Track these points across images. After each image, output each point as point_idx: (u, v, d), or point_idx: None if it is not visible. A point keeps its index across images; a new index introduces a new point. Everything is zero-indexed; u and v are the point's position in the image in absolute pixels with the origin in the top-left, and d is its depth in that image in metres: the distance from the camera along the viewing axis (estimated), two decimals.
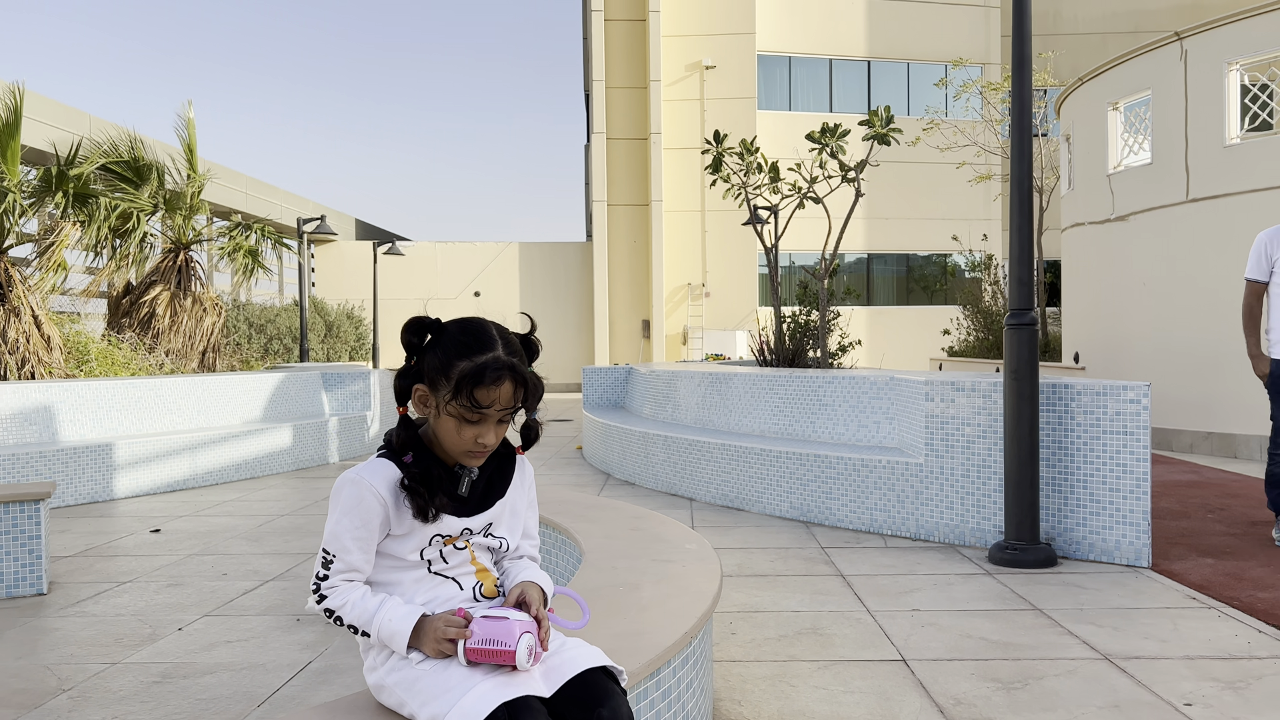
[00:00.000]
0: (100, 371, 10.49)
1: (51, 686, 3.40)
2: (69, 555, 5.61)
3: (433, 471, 1.82)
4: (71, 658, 3.72)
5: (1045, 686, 3.28)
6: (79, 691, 3.35)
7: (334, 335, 21.84)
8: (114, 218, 11.16)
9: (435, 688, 1.69)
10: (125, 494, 7.80)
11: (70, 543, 5.97)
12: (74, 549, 5.78)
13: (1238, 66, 9.29)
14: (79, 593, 4.74)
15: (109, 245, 11.84)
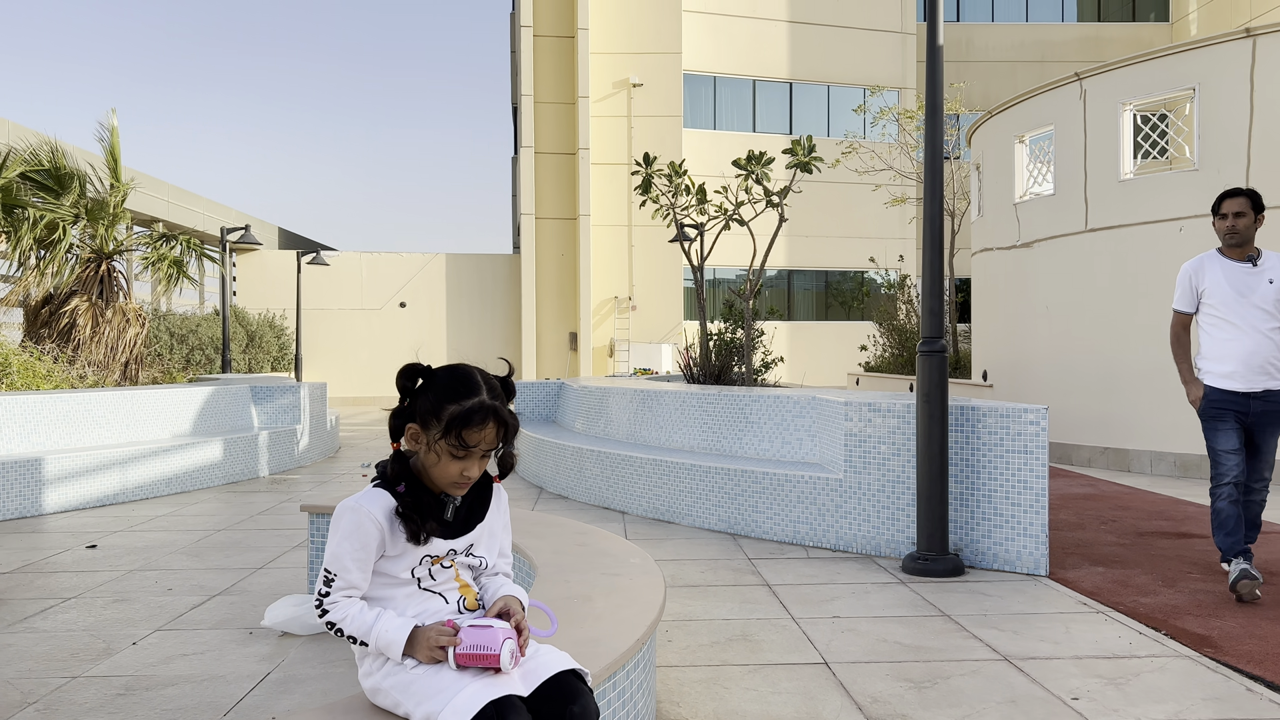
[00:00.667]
0: (22, 384, 10.33)
1: (15, 700, 3.52)
2: (7, 572, 5.63)
3: (423, 500, 2.07)
4: (30, 672, 3.83)
5: (952, 685, 3.64)
6: (44, 704, 3.48)
7: (256, 345, 21.57)
8: (40, 228, 10.99)
9: (429, 689, 1.94)
10: (54, 509, 7.75)
11: (5, 559, 5.98)
12: (10, 565, 5.80)
13: (1131, 107, 9.99)
14: (24, 609, 4.80)
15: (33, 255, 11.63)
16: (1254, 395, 4.83)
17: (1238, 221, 4.85)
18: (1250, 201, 4.88)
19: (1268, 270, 4.88)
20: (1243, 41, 9.13)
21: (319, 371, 23.98)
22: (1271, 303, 4.83)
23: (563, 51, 24.53)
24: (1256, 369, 4.83)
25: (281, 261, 24.05)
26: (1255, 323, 4.83)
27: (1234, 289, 4.88)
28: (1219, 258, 4.98)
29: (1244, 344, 4.85)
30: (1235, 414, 4.87)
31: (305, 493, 8.88)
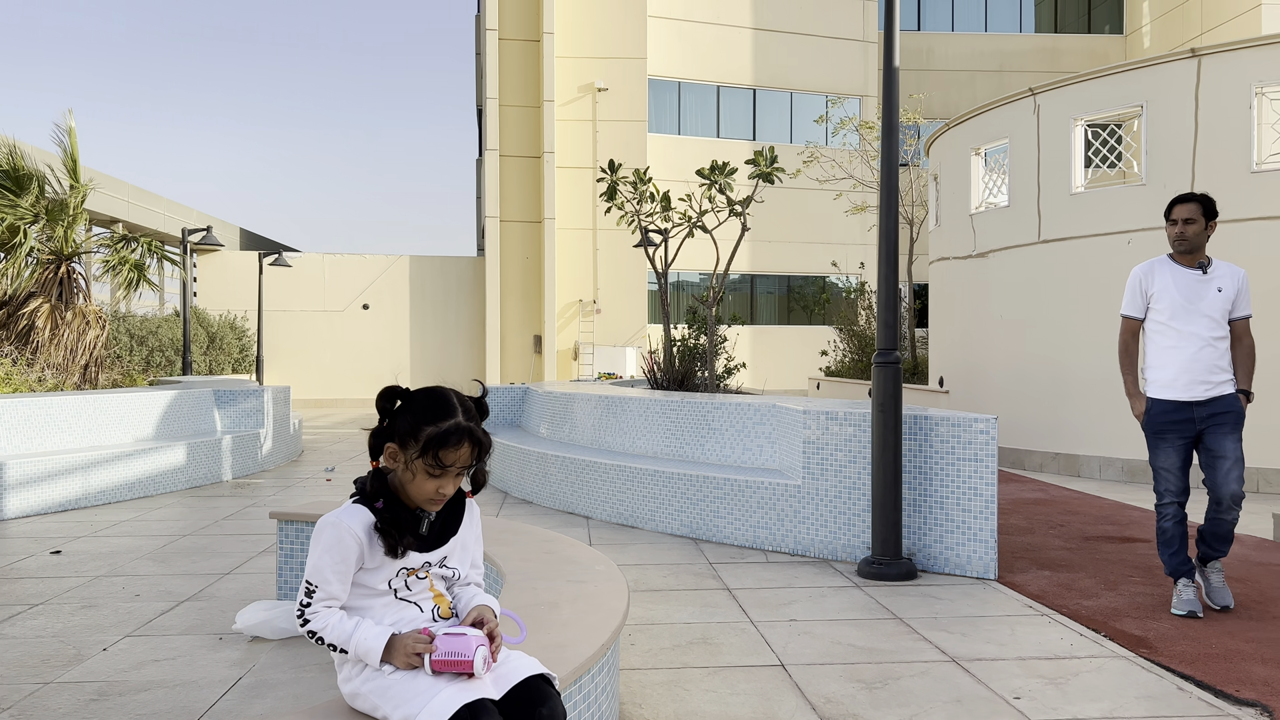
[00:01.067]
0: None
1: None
2: None
3: (400, 515, 2.19)
4: (1, 679, 3.88)
5: (902, 685, 3.81)
6: (19, 710, 3.54)
7: (217, 347, 21.41)
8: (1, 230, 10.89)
9: (406, 693, 2.06)
10: (16, 514, 7.73)
11: None
12: None
13: (1082, 122, 10.29)
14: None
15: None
16: (1197, 404, 4.74)
17: (1187, 228, 4.76)
18: (1202, 207, 4.77)
19: (1217, 279, 4.79)
20: (1188, 61, 9.46)
21: (280, 373, 23.83)
22: (1219, 311, 4.75)
23: (528, 55, 24.59)
24: (1197, 377, 4.74)
25: (243, 262, 23.87)
26: (1200, 330, 4.74)
27: (1182, 296, 4.79)
28: (1169, 263, 4.88)
29: (1186, 351, 4.77)
30: (1179, 428, 4.78)
31: (269, 497, 8.91)
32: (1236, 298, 4.77)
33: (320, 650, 4.24)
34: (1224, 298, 4.75)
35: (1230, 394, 4.75)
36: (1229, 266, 4.84)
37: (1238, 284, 4.78)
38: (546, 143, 23.85)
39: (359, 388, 24.24)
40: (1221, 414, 4.72)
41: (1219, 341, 4.75)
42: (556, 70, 24.52)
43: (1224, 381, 4.75)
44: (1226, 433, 4.71)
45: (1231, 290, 4.76)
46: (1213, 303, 4.74)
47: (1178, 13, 28.28)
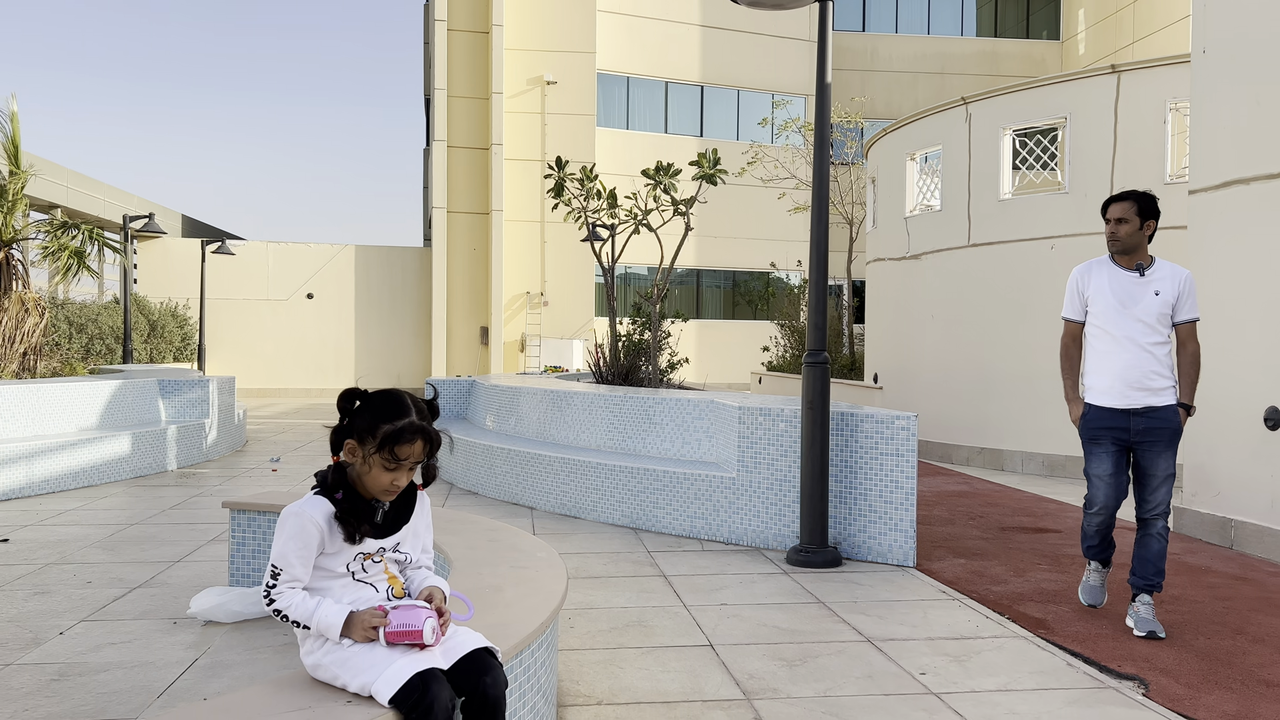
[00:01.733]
0: None
1: None
2: None
3: (358, 505, 2.44)
4: None
5: (819, 663, 4.14)
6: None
7: (158, 335, 21.18)
8: None
9: (364, 663, 2.31)
10: None
11: None
12: None
13: (1010, 131, 10.76)
14: None
15: None
16: (1134, 413, 4.52)
17: (1119, 228, 4.56)
18: (1136, 206, 4.56)
19: (1155, 281, 4.55)
20: (1109, 77, 9.95)
21: (223, 362, 23.63)
22: (1154, 315, 4.51)
23: (477, 47, 24.62)
24: (1134, 384, 4.51)
25: (185, 250, 23.60)
26: (1135, 335, 4.52)
27: (1116, 298, 4.57)
28: (1108, 264, 4.68)
29: (1120, 357, 4.54)
30: (1113, 435, 4.58)
31: (215, 487, 9.01)
32: (1179, 300, 4.52)
33: (273, 632, 4.44)
34: (1162, 301, 4.51)
35: (1168, 406, 4.50)
36: (1172, 268, 4.58)
37: (1179, 286, 4.52)
38: (495, 135, 23.92)
39: (302, 378, 24.14)
40: (1157, 429, 4.49)
41: (1157, 347, 4.50)
42: (506, 62, 24.59)
43: (1163, 390, 4.50)
44: (1160, 450, 4.50)
45: (1171, 292, 4.51)
46: (1149, 306, 4.51)
47: (1111, 21, 29.20)
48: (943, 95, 31.14)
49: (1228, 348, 6.71)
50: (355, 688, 2.30)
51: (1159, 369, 4.51)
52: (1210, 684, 3.90)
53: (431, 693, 2.23)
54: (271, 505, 5.02)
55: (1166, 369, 4.53)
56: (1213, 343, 6.85)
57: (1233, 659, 4.21)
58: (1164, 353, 4.54)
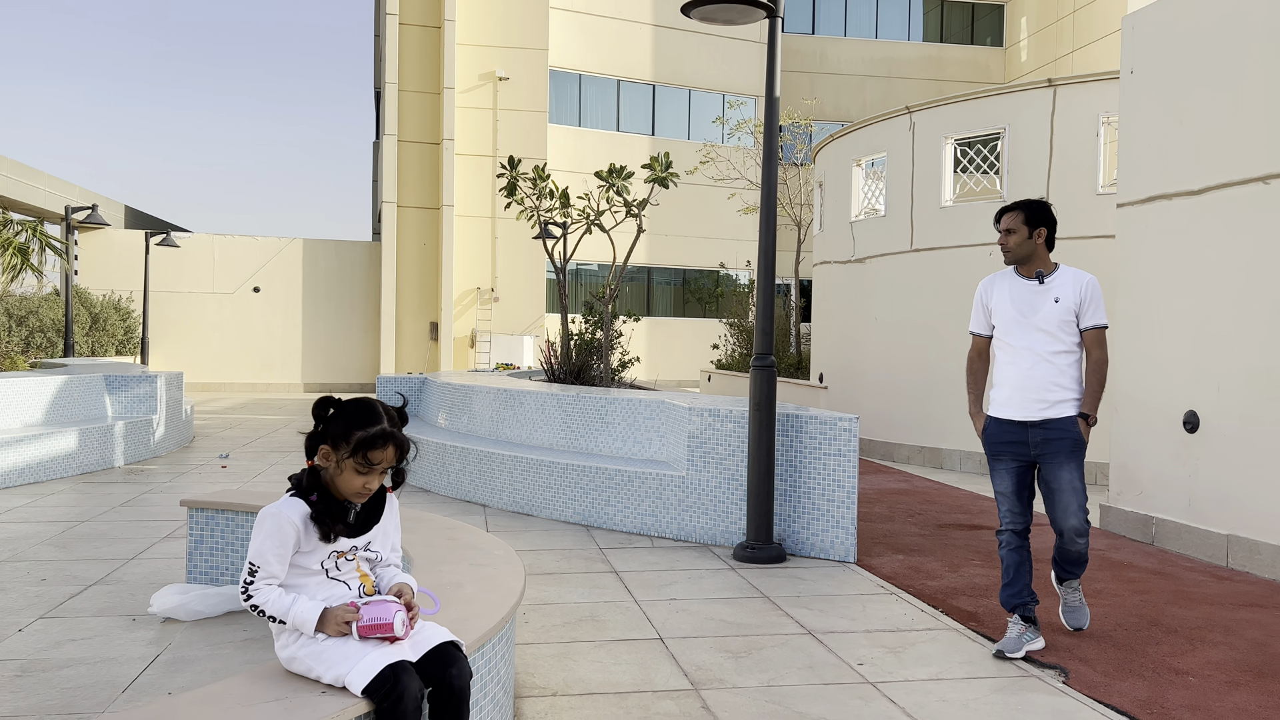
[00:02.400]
0: None
1: None
2: None
3: (331, 507, 2.58)
4: None
5: (763, 655, 4.35)
6: None
7: (100, 328, 20.83)
8: None
9: (337, 656, 2.45)
10: None
11: None
12: None
13: (952, 140, 11.11)
14: None
15: None
16: (1032, 425, 4.39)
17: (1008, 238, 4.46)
18: (1023, 215, 4.45)
19: (1054, 288, 4.41)
20: (1045, 90, 10.33)
21: (167, 356, 23.30)
22: (1054, 324, 4.37)
23: (428, 41, 24.53)
24: (1031, 395, 4.39)
25: (129, 241, 23.21)
26: (1034, 345, 4.40)
27: (1016, 309, 4.46)
28: (1010, 275, 4.57)
29: (1018, 368, 4.44)
30: (1013, 449, 4.46)
31: (165, 484, 8.99)
32: (1081, 306, 4.37)
33: (232, 629, 4.54)
34: (1062, 308, 4.37)
35: (1067, 417, 4.35)
36: (1074, 274, 4.44)
37: (1080, 292, 4.38)
38: (446, 130, 23.87)
39: (248, 372, 23.89)
40: (1055, 439, 4.35)
41: (1058, 357, 4.37)
42: (458, 58, 24.55)
43: (1062, 401, 4.36)
44: (1061, 461, 4.35)
45: (1072, 299, 4.38)
46: (1048, 315, 4.38)
47: (1052, 30, 29.98)
48: (890, 98, 31.73)
49: (1152, 354, 7.07)
50: (329, 679, 2.45)
51: (1059, 379, 4.37)
52: (1125, 672, 4.19)
53: (402, 683, 2.38)
54: (230, 504, 5.11)
55: (1070, 379, 4.39)
56: (1138, 349, 7.22)
57: (1146, 649, 4.51)
58: (1067, 362, 4.39)
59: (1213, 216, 6.55)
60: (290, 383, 24.17)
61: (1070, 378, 4.40)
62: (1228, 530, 6.32)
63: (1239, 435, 6.27)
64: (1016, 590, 4.47)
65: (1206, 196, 6.61)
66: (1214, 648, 4.54)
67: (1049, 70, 29.61)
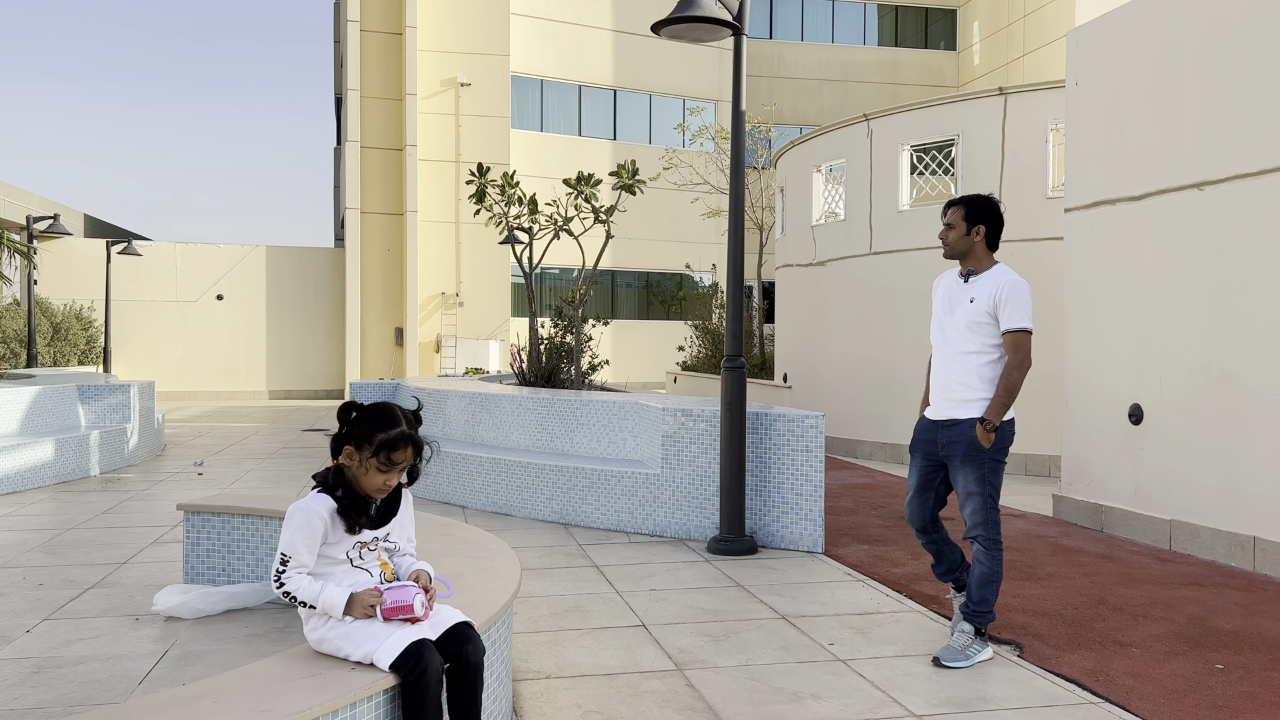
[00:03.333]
0: None
1: None
2: None
3: (355, 501, 2.83)
4: None
5: (740, 638, 4.64)
6: None
7: (62, 338, 20.69)
8: None
9: (364, 636, 2.70)
10: None
11: None
12: None
13: (909, 147, 11.51)
14: None
15: None
16: (941, 424, 4.38)
17: (947, 233, 4.40)
18: (963, 211, 4.36)
19: (975, 288, 4.32)
20: (996, 99, 10.76)
21: (129, 365, 23.15)
22: (967, 323, 4.29)
23: (390, 47, 24.62)
24: (942, 395, 4.39)
25: (89, 250, 23.03)
26: (948, 343, 4.38)
27: (942, 306, 4.46)
28: (953, 273, 4.52)
29: (936, 366, 4.47)
30: (924, 447, 4.47)
31: (143, 491, 9.10)
32: (998, 309, 4.23)
33: (234, 625, 4.75)
34: (976, 309, 4.27)
35: (966, 420, 4.28)
36: (997, 275, 4.29)
37: (995, 294, 4.23)
38: (409, 136, 23.97)
39: (213, 380, 23.80)
40: (953, 442, 4.31)
41: (969, 357, 4.29)
42: (420, 63, 24.65)
43: (967, 403, 4.29)
44: (956, 465, 4.31)
45: (986, 300, 4.25)
46: (963, 314, 4.31)
47: (1003, 34, 30.70)
48: (847, 102, 32.28)
49: (1099, 351, 7.48)
50: (358, 657, 2.69)
51: (967, 380, 4.29)
52: (1074, 645, 4.53)
53: (425, 658, 2.64)
54: (224, 507, 5.30)
55: (979, 380, 4.28)
56: (1086, 347, 7.62)
57: (1094, 624, 4.87)
58: (977, 364, 4.28)
59: (1153, 220, 6.97)
60: (255, 390, 24.10)
61: (980, 379, 4.28)
62: (1170, 516, 6.73)
63: (1180, 427, 6.69)
64: (945, 569, 4.61)
65: (1146, 202, 7.03)
66: (1156, 622, 4.91)
67: (1001, 74, 30.33)
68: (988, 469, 4.25)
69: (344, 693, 2.52)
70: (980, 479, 4.24)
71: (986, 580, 4.31)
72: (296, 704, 2.43)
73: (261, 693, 2.50)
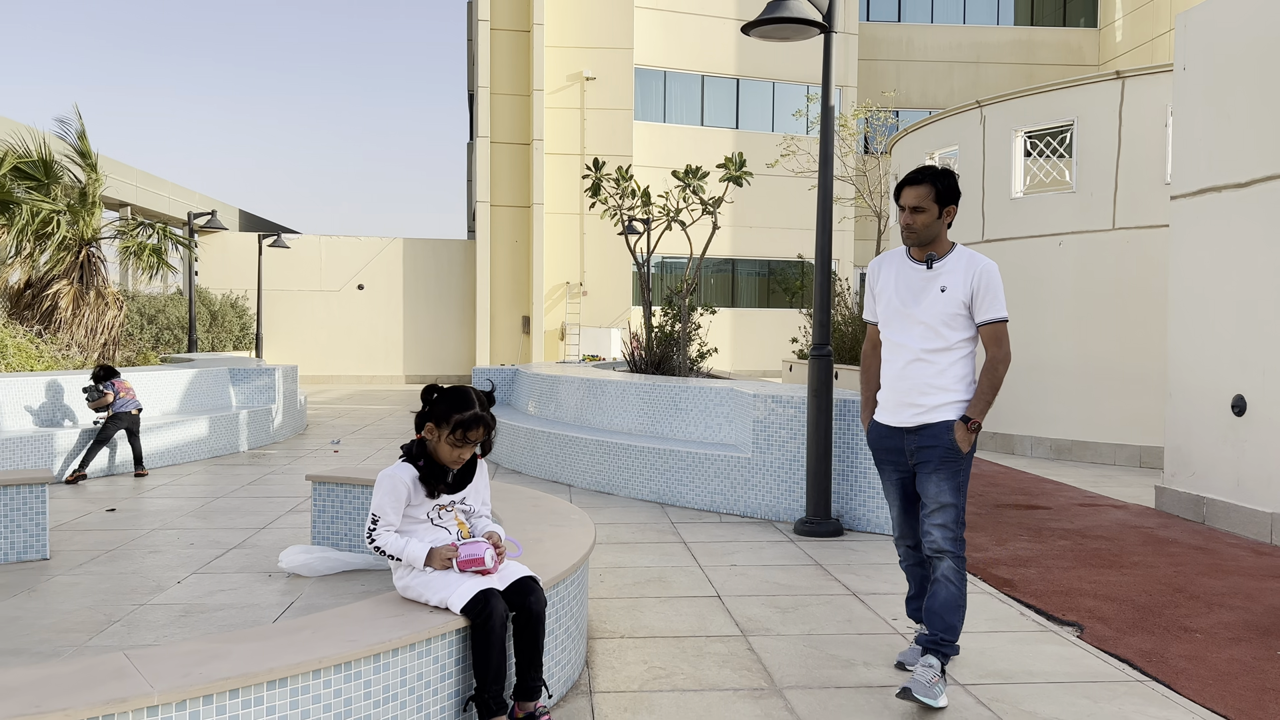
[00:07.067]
0: (17, 365, 11.23)
1: (103, 619, 4.65)
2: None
3: (435, 470, 3.27)
4: (104, 602, 4.95)
5: (808, 610, 4.92)
6: (126, 622, 4.61)
7: (219, 325, 22.38)
8: (36, 222, 11.85)
9: (441, 584, 3.14)
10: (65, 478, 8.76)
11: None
12: (48, 524, 6.84)
13: (1022, 133, 11.36)
14: (76, 558, 5.89)
15: (30, 245, 12.49)
16: (907, 431, 3.82)
17: (915, 218, 3.74)
18: (934, 191, 3.71)
19: (943, 275, 3.75)
20: (1114, 83, 10.52)
21: (278, 351, 24.81)
22: (939, 317, 3.74)
23: (518, 45, 25.45)
24: (904, 399, 3.81)
25: (243, 243, 24.77)
26: (911, 341, 3.79)
27: (899, 297, 3.84)
28: (901, 256, 3.91)
29: (894, 366, 3.86)
30: (893, 459, 3.91)
31: (284, 466, 9.96)
32: (974, 298, 3.71)
33: (351, 584, 5.32)
34: (948, 299, 3.73)
35: (942, 422, 3.74)
36: (968, 259, 3.76)
37: (972, 281, 3.71)
38: (536, 130, 24.77)
39: (353, 365, 25.25)
40: (927, 448, 3.76)
41: (941, 355, 3.75)
42: (546, 60, 25.41)
43: (940, 406, 3.74)
44: (930, 470, 3.75)
45: (961, 289, 3.72)
46: (931, 306, 3.76)
47: (1148, 8, 29.30)
48: (978, 84, 31.44)
49: (1202, 341, 7.35)
50: (435, 602, 3.13)
51: (937, 382, 3.75)
52: (1136, 629, 4.63)
53: (491, 604, 3.06)
54: (347, 479, 5.90)
55: (952, 379, 3.75)
56: (1189, 336, 7.50)
57: (1164, 611, 4.93)
58: (949, 361, 3.76)
59: (1258, 208, 6.82)
60: (392, 374, 25.45)
61: (954, 378, 3.76)
62: (1272, 509, 6.60)
63: None
64: (918, 605, 4.11)
65: (1252, 189, 6.87)
66: (1230, 611, 4.93)
67: (1145, 50, 28.97)
68: (963, 477, 3.76)
69: (420, 630, 2.96)
70: (956, 488, 3.74)
71: (955, 604, 3.73)
72: (380, 636, 2.88)
73: (353, 627, 2.97)
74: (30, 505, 5.81)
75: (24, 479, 5.78)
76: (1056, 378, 10.88)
